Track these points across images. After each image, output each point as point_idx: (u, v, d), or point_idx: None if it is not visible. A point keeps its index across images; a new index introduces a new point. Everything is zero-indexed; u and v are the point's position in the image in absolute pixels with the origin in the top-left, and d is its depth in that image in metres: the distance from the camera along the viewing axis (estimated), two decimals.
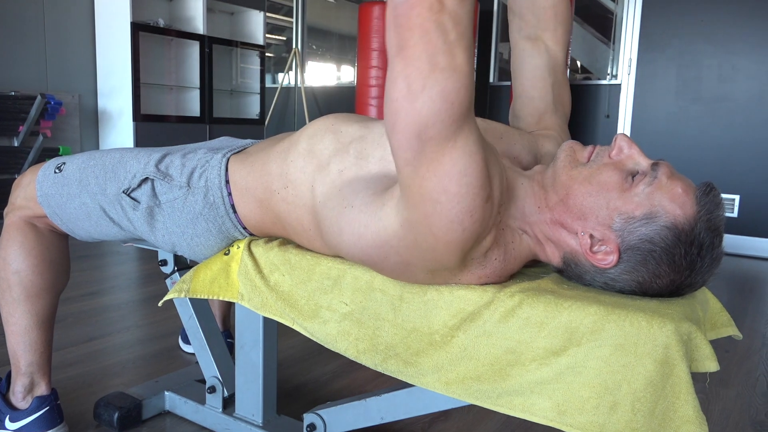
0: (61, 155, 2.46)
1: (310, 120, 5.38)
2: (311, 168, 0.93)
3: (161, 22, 4.15)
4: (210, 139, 4.51)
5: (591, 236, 0.79)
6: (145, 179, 1.03)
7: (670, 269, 0.76)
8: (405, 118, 0.69)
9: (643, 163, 0.79)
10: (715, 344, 0.80)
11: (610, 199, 0.77)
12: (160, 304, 1.09)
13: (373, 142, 0.91)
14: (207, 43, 4.39)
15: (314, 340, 0.95)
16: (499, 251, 0.81)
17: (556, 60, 1.10)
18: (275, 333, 1.17)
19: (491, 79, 4.54)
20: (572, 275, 0.84)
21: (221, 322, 1.63)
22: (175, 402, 1.32)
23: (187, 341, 1.70)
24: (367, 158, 0.89)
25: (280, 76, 5.77)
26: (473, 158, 0.71)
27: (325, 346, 0.94)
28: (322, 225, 0.90)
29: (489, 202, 0.74)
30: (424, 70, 0.66)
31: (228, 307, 1.65)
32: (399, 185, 0.76)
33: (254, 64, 4.95)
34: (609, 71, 4.03)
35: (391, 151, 0.74)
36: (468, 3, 0.66)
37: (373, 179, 0.87)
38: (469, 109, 0.70)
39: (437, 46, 0.66)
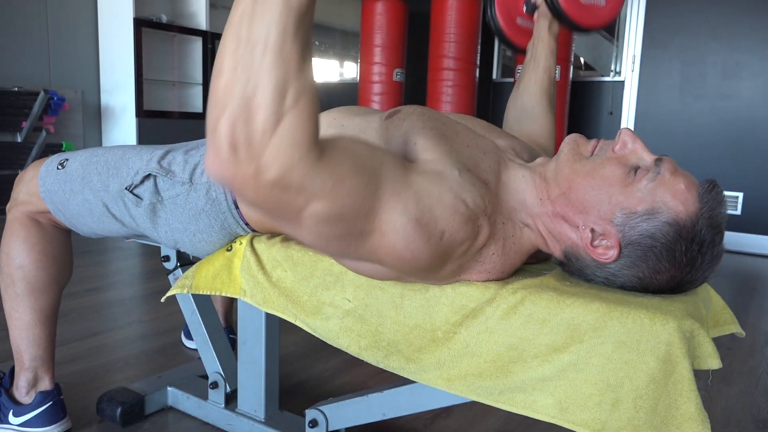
0: (64, 151, 2.46)
1: None
2: None
3: (164, 18, 4.14)
4: None
5: (592, 230, 0.79)
6: (148, 176, 1.03)
7: (671, 265, 0.76)
8: (322, 249, 0.75)
9: (646, 158, 0.78)
10: (718, 342, 0.80)
11: (613, 194, 0.77)
12: (162, 300, 1.09)
13: (371, 138, 0.92)
14: (210, 39, 4.39)
15: (316, 336, 0.95)
16: (496, 246, 0.81)
17: (548, 149, 1.22)
18: (277, 329, 1.17)
19: (494, 76, 4.53)
20: (573, 270, 0.84)
21: (224, 318, 1.64)
22: (177, 397, 1.32)
23: (189, 337, 1.70)
24: None
25: None
26: (407, 227, 0.72)
27: (327, 342, 0.94)
28: None
29: (444, 237, 0.75)
30: (298, 222, 0.67)
31: (230, 303, 1.65)
32: None
33: None
34: (612, 68, 4.02)
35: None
36: (297, 156, 0.59)
37: None
38: (366, 202, 0.69)
39: (292, 207, 0.64)
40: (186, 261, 1.28)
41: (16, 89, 3.46)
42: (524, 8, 1.32)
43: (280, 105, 0.57)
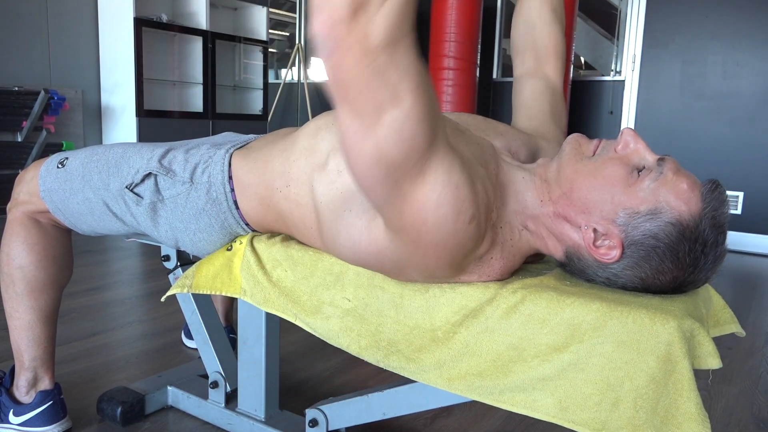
0: (64, 150, 2.46)
1: (313, 116, 5.38)
2: (312, 167, 0.92)
3: (164, 18, 4.14)
4: (213, 134, 4.50)
5: (594, 230, 0.79)
6: (148, 174, 1.03)
7: (674, 266, 0.76)
8: (367, 165, 0.69)
9: (648, 158, 0.78)
10: (718, 341, 0.80)
11: (615, 194, 0.77)
12: (162, 299, 1.09)
13: None
14: (210, 38, 4.39)
15: (316, 335, 0.95)
16: (496, 251, 0.82)
17: (554, 85, 1.16)
18: (278, 328, 1.17)
19: (494, 75, 4.53)
20: (575, 270, 0.84)
21: (224, 318, 1.64)
22: (177, 397, 1.32)
23: (189, 336, 1.70)
24: None
25: (283, 71, 5.76)
26: (446, 188, 0.71)
27: (328, 341, 0.94)
28: (322, 225, 0.91)
29: (473, 223, 0.75)
30: (372, 120, 0.65)
31: (230, 303, 1.65)
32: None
33: (257, 60, 4.94)
34: (613, 67, 4.02)
35: (363, 194, 0.75)
36: (400, 35, 0.63)
37: None
38: (431, 139, 0.69)
39: (380, 95, 0.64)
40: (186, 260, 1.28)
41: (16, 89, 3.46)
42: None
43: None
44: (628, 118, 3.88)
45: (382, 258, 0.81)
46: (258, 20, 4.85)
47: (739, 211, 3.55)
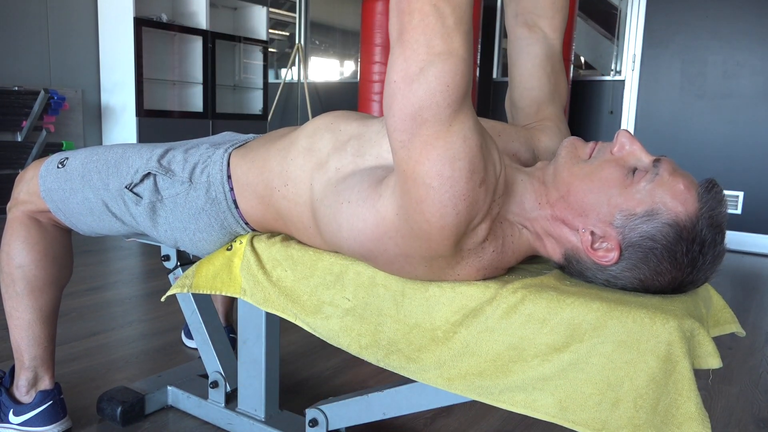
0: (64, 150, 2.46)
1: (312, 116, 5.38)
2: (310, 166, 0.93)
3: (164, 18, 4.14)
4: (213, 134, 4.51)
5: (592, 233, 0.79)
6: (148, 174, 1.03)
7: (672, 266, 0.76)
8: (401, 99, 0.71)
9: (644, 159, 0.78)
10: (718, 341, 0.80)
11: (612, 196, 0.77)
12: (162, 299, 1.09)
13: (370, 140, 0.91)
14: (210, 38, 4.39)
15: (316, 335, 0.95)
16: (495, 243, 0.81)
17: (553, 48, 1.10)
18: (278, 328, 1.17)
19: (494, 75, 4.52)
20: (574, 272, 0.84)
21: (224, 318, 1.64)
22: (177, 397, 1.32)
23: (189, 336, 1.70)
24: (364, 156, 0.90)
25: (283, 71, 5.76)
26: (467, 143, 0.72)
27: (328, 341, 0.94)
28: (321, 222, 0.91)
29: (483, 186, 0.75)
30: (421, 53, 0.69)
31: (230, 303, 1.65)
32: (395, 169, 0.77)
33: (257, 60, 4.94)
34: (613, 67, 4.02)
35: (388, 134, 0.75)
36: None
37: (368, 171, 0.87)
38: (465, 94, 0.71)
39: (435, 30, 0.68)
40: (186, 260, 1.28)
41: (16, 89, 3.46)
42: None
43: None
44: (628, 117, 3.88)
45: (386, 242, 0.80)
46: (258, 20, 4.85)
47: (739, 211, 3.55)
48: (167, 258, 1.28)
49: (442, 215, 0.74)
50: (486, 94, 4.48)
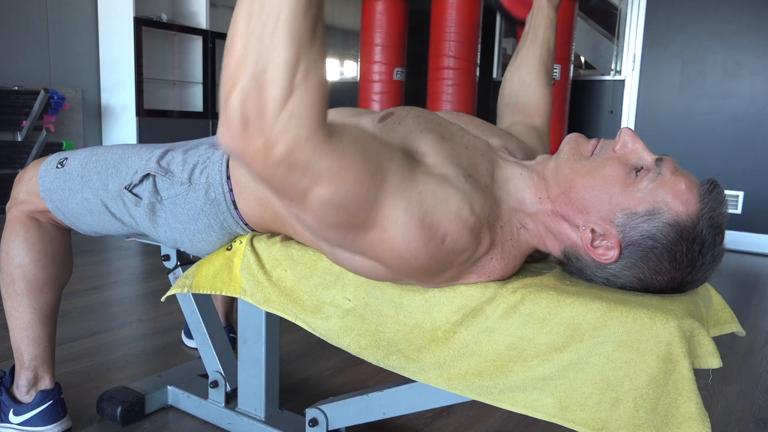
0: (64, 150, 2.47)
1: None
2: None
3: (164, 17, 4.14)
4: (213, 134, 4.51)
5: (592, 231, 0.79)
6: (147, 175, 1.03)
7: (671, 266, 0.76)
8: (322, 232, 0.73)
9: (647, 158, 0.78)
10: (718, 341, 0.80)
11: (613, 194, 0.77)
12: (162, 299, 1.09)
13: None
14: (210, 38, 4.39)
15: (316, 335, 0.95)
16: (496, 251, 0.82)
17: (543, 132, 1.17)
18: (278, 328, 1.17)
19: (494, 75, 4.53)
20: (573, 269, 0.84)
21: (224, 317, 1.64)
22: (177, 396, 1.32)
23: (189, 336, 1.70)
24: None
25: None
26: (408, 226, 0.72)
27: (328, 341, 0.94)
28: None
29: (447, 239, 0.75)
30: (302, 203, 0.67)
31: (230, 303, 1.65)
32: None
33: None
34: (613, 67, 4.02)
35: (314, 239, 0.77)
36: (301, 135, 0.60)
37: None
38: (372, 194, 0.69)
39: (296, 185, 0.65)
40: (186, 260, 1.28)
41: (16, 88, 3.46)
42: None
43: (290, 80, 0.57)
44: (628, 117, 3.88)
45: (377, 266, 0.82)
46: None
47: (739, 211, 3.55)
48: (167, 258, 1.28)
49: (422, 271, 0.78)
50: (486, 94, 4.48)
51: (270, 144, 0.59)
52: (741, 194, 3.54)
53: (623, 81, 3.89)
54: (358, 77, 4.13)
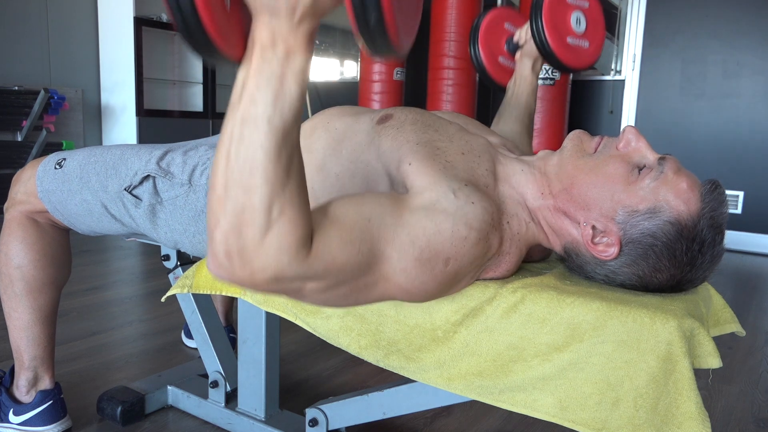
0: (64, 150, 2.46)
1: (312, 114, 5.38)
2: (310, 168, 0.92)
3: (164, 17, 4.14)
4: (213, 134, 4.51)
5: (593, 227, 0.79)
6: (147, 177, 1.03)
7: (671, 264, 0.76)
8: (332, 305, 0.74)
9: (650, 156, 0.78)
10: (718, 341, 0.80)
11: (615, 192, 0.77)
12: (163, 299, 1.09)
13: (361, 143, 0.90)
14: None
15: (316, 335, 0.95)
16: (507, 245, 0.82)
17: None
18: (278, 328, 1.17)
19: None
20: (573, 266, 0.84)
21: (224, 317, 1.64)
22: (177, 396, 1.32)
23: (189, 336, 1.70)
24: (357, 162, 0.89)
25: None
26: (407, 272, 0.72)
27: (328, 341, 0.94)
28: None
29: (451, 261, 0.75)
30: (300, 297, 0.69)
31: (230, 303, 1.65)
32: None
33: None
34: (613, 67, 4.02)
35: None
36: (286, 260, 0.62)
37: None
38: (365, 265, 0.70)
39: (288, 290, 0.67)
40: (186, 260, 1.28)
41: (16, 88, 3.46)
42: (505, 47, 1.38)
43: (266, 218, 0.60)
44: (628, 117, 3.88)
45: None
46: None
47: (739, 211, 3.55)
48: (167, 258, 1.27)
49: (430, 292, 0.77)
50: (486, 94, 4.48)
51: (254, 273, 0.61)
52: (741, 194, 3.54)
53: (623, 81, 3.89)
54: (359, 77, 4.14)
